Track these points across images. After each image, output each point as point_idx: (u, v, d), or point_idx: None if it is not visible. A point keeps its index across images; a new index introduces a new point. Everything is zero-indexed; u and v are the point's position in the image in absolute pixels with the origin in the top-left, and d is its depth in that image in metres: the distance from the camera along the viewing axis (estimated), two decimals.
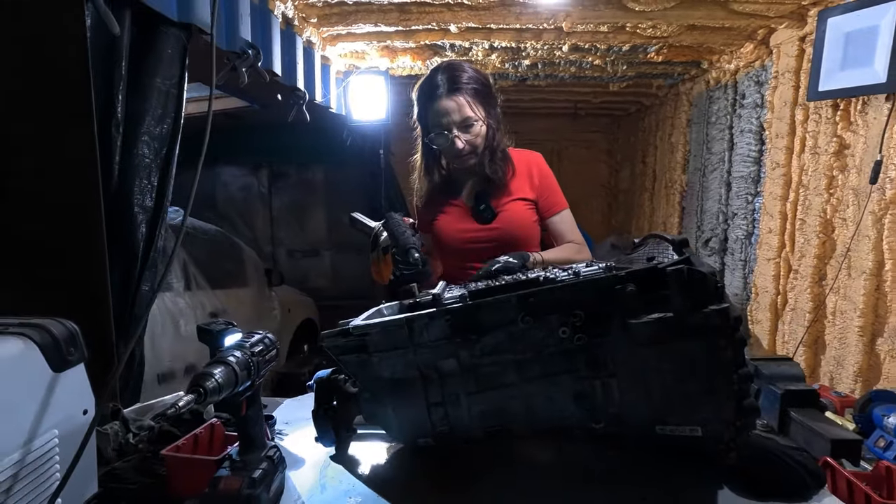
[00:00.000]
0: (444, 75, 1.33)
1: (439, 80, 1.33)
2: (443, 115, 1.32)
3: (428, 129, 1.38)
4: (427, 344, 0.82)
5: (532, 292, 0.79)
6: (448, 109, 1.31)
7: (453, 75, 1.33)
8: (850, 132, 2.07)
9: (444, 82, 1.32)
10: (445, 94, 1.31)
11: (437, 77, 1.34)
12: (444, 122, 1.33)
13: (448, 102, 1.31)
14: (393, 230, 1.25)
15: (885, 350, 1.91)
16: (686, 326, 0.73)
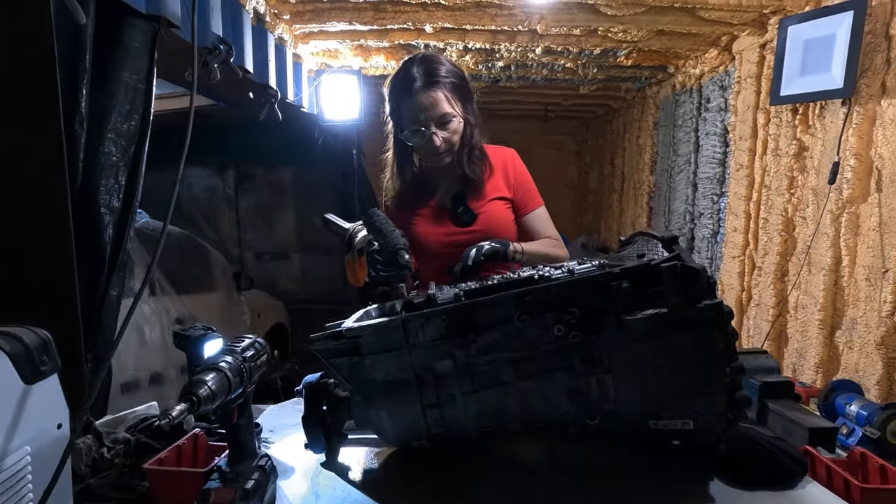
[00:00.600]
0: (421, 68, 1.25)
1: (415, 72, 1.25)
2: (419, 110, 1.24)
3: (401, 125, 1.31)
4: (422, 345, 0.81)
5: (529, 290, 0.79)
6: (425, 104, 1.24)
7: (430, 68, 1.25)
8: (808, 135, 2.17)
9: (420, 75, 1.24)
10: (422, 89, 1.23)
11: (412, 70, 1.26)
12: (420, 118, 1.25)
13: (425, 97, 1.24)
14: (380, 228, 1.17)
15: (842, 342, 2.01)
16: (680, 321, 0.74)
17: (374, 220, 1.20)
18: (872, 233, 1.85)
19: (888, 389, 1.79)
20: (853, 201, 1.93)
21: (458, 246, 1.30)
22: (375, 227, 1.18)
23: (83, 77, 1.25)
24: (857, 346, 1.92)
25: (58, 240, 0.99)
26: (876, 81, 1.83)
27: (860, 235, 1.93)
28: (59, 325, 0.99)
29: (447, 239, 1.35)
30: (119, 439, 0.86)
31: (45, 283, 0.99)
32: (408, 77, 1.25)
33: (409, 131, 1.28)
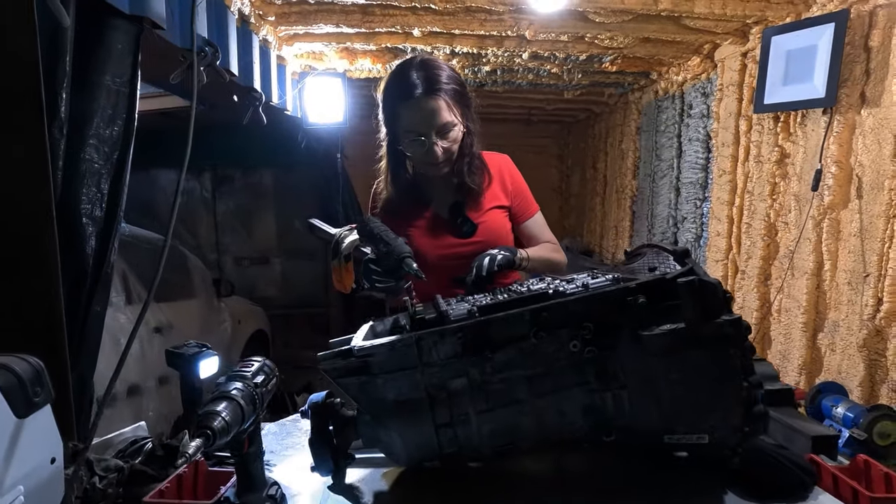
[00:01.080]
0: (421, 73, 1.18)
1: (415, 78, 1.17)
2: (420, 119, 1.18)
3: (397, 132, 1.24)
4: (436, 363, 0.78)
5: (545, 306, 0.77)
6: (426, 112, 1.17)
7: (431, 74, 1.18)
8: (790, 142, 2.23)
9: (421, 81, 1.17)
10: (423, 96, 1.16)
11: (411, 74, 1.18)
12: (420, 127, 1.19)
13: (426, 105, 1.17)
14: (380, 236, 1.12)
15: (825, 344, 2.07)
16: (698, 337, 0.74)
17: (373, 228, 1.14)
18: (853, 238, 1.91)
19: (870, 390, 1.85)
20: (834, 207, 1.99)
21: (458, 258, 1.25)
22: (374, 235, 1.13)
23: (63, 80, 1.18)
24: (840, 348, 1.98)
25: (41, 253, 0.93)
26: (855, 91, 1.89)
27: (841, 240, 1.99)
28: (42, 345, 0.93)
29: (447, 251, 1.29)
30: (111, 467, 0.81)
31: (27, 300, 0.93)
32: (406, 82, 1.18)
33: (408, 141, 1.22)
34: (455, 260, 1.28)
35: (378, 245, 1.11)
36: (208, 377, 1.03)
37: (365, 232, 1.17)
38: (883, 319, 1.78)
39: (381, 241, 1.10)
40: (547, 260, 1.29)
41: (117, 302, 2.67)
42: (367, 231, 1.17)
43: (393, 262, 1.07)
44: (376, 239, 1.12)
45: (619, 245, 4.06)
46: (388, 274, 1.13)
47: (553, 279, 0.95)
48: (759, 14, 2.16)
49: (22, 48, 0.91)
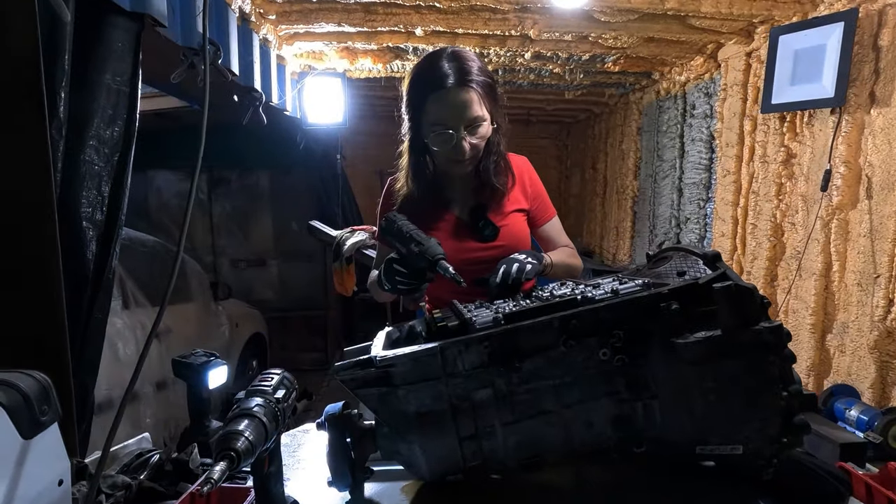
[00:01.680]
0: (453, 64, 1.10)
1: (447, 68, 1.10)
2: (449, 111, 1.10)
3: (421, 125, 1.16)
4: (461, 373, 0.75)
5: (575, 314, 0.74)
6: (457, 105, 1.10)
7: (463, 65, 1.11)
8: (796, 143, 2.21)
9: (453, 72, 1.09)
10: (455, 87, 1.09)
11: (443, 65, 1.11)
12: (449, 120, 1.11)
13: (457, 96, 1.09)
14: (411, 235, 1.01)
15: (834, 345, 2.05)
16: (735, 344, 0.71)
17: (402, 226, 1.05)
18: (863, 239, 1.89)
19: (882, 392, 1.83)
20: (843, 208, 1.97)
21: (478, 263, 1.21)
22: (404, 234, 1.03)
23: (62, 79, 1.14)
24: (850, 349, 1.96)
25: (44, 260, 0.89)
26: (864, 91, 1.88)
27: (850, 241, 1.97)
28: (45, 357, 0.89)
29: (467, 255, 1.22)
30: (118, 484, 0.77)
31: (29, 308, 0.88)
32: (437, 72, 1.10)
33: (435, 134, 1.13)
34: (474, 265, 1.22)
35: (408, 244, 1.01)
36: (217, 387, 0.99)
37: (392, 230, 1.05)
38: (894, 321, 1.76)
39: (413, 241, 1.00)
40: (567, 265, 1.26)
41: (114, 306, 2.61)
42: (394, 229, 1.05)
43: (425, 263, 0.98)
44: (405, 238, 1.02)
45: (619, 246, 4.04)
46: (415, 276, 1.03)
47: (577, 284, 0.92)
48: (766, 13, 2.15)
49: (23, 46, 0.87)
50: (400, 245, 1.02)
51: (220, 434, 0.51)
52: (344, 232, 2.80)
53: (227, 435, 0.51)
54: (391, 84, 3.43)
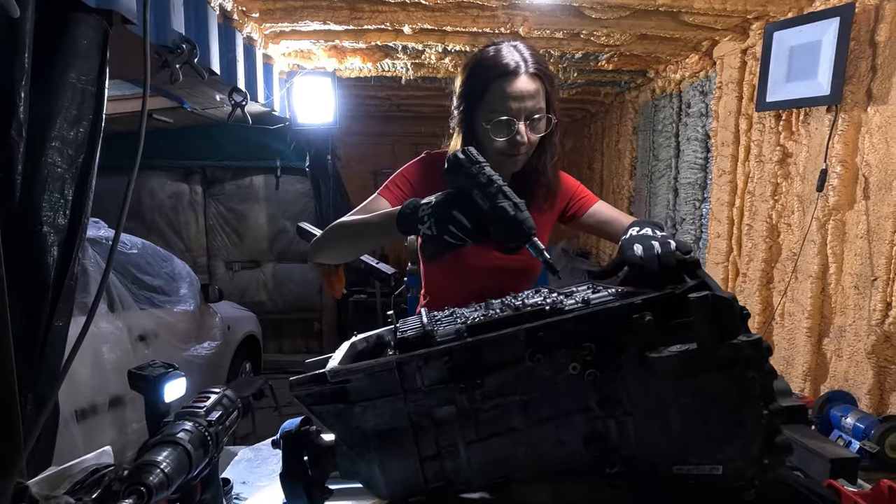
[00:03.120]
0: (516, 53, 1.06)
1: (518, 55, 1.06)
2: (516, 98, 1.04)
3: (476, 111, 1.09)
4: (420, 389, 0.70)
5: (542, 326, 0.69)
6: (525, 93, 1.04)
7: (535, 55, 1.07)
8: (792, 141, 2.16)
9: (519, 60, 1.05)
10: (525, 74, 1.04)
11: (513, 51, 1.07)
12: (514, 108, 1.04)
13: (528, 84, 1.04)
14: (502, 189, 0.83)
15: (831, 350, 2.00)
16: (712, 359, 0.66)
17: (490, 174, 0.84)
18: (860, 240, 1.84)
19: (880, 399, 1.78)
20: (839, 208, 1.92)
21: (499, 270, 1.15)
22: (492, 184, 0.82)
23: (21, 79, 1.09)
24: (847, 354, 1.91)
25: None
26: (861, 88, 1.83)
27: (847, 243, 1.92)
28: None
29: (487, 263, 1.16)
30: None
31: None
32: (508, 57, 1.06)
33: (495, 122, 1.06)
34: (493, 272, 1.17)
35: (494, 198, 0.81)
36: (175, 400, 0.94)
37: (472, 172, 0.84)
38: (892, 325, 1.71)
39: (505, 197, 0.82)
40: None
41: (99, 309, 2.57)
42: (476, 172, 0.83)
43: (513, 231, 0.81)
44: (493, 189, 0.82)
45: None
46: (476, 235, 0.85)
47: (552, 292, 0.87)
48: (761, 9, 2.10)
49: None
50: (480, 194, 0.82)
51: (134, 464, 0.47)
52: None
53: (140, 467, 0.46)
54: (382, 83, 3.39)
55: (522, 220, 0.83)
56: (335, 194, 4.61)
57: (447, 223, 0.84)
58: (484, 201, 0.83)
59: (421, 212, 0.89)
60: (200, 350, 3.30)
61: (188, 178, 5.12)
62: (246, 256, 5.31)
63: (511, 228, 0.82)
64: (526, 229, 0.83)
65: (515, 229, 0.82)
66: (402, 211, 0.92)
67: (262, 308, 5.10)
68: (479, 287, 1.14)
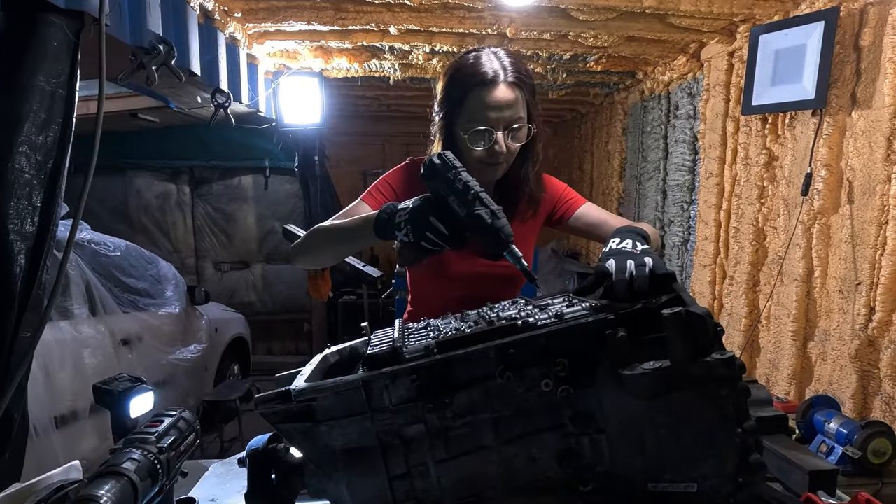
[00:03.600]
0: (495, 61, 1.04)
1: (496, 63, 1.04)
2: (494, 107, 1.03)
3: (456, 120, 1.08)
4: (388, 408, 0.68)
5: (513, 342, 0.68)
6: (504, 102, 1.03)
7: (515, 63, 1.05)
8: (778, 145, 2.16)
9: (503, 67, 1.03)
10: (503, 83, 1.02)
11: (492, 59, 1.05)
12: (492, 118, 1.03)
13: (506, 94, 1.02)
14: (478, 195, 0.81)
15: (816, 353, 2.00)
16: (686, 377, 0.65)
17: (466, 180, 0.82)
18: (844, 244, 1.84)
19: (863, 403, 1.78)
20: (824, 212, 1.92)
21: (484, 277, 1.14)
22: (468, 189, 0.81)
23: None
24: (831, 358, 1.91)
25: None
26: (845, 93, 1.83)
27: (832, 247, 1.92)
28: None
29: (473, 269, 1.15)
30: None
31: None
32: (487, 66, 1.04)
33: (475, 129, 1.05)
34: (478, 279, 1.15)
35: (471, 205, 0.80)
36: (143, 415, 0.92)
37: (447, 177, 0.82)
38: (875, 329, 1.71)
39: (481, 203, 0.80)
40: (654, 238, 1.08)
41: (79, 314, 2.53)
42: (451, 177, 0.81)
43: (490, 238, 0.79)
44: (470, 196, 0.80)
45: None
46: (453, 240, 0.84)
47: (526, 304, 0.85)
48: (747, 12, 2.09)
49: None
50: (457, 200, 0.80)
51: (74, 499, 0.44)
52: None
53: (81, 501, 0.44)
54: (371, 83, 3.36)
55: (500, 228, 0.81)
56: (324, 195, 4.57)
57: (424, 229, 0.83)
58: (461, 208, 0.82)
59: (398, 217, 0.87)
60: (186, 353, 3.26)
61: (176, 178, 5.06)
62: (235, 257, 5.26)
63: (488, 236, 0.82)
64: (503, 237, 0.82)
65: (492, 237, 0.82)
66: (380, 216, 0.91)
67: (251, 309, 5.06)
68: (464, 294, 1.11)
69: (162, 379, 3.00)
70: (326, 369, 0.87)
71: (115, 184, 4.86)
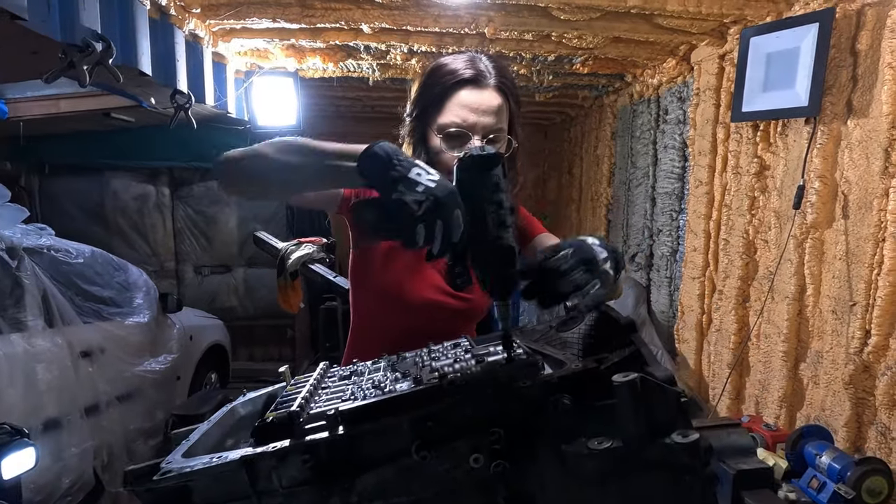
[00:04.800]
0: (483, 63, 0.97)
1: (483, 66, 0.97)
2: (475, 110, 0.94)
3: (430, 121, 0.98)
4: (278, 491, 0.56)
5: (430, 413, 0.55)
6: (486, 107, 0.94)
7: (501, 67, 0.98)
8: (770, 153, 2.05)
9: (485, 71, 0.96)
10: (489, 86, 0.95)
11: (477, 60, 0.98)
12: (471, 120, 0.94)
13: (490, 98, 0.95)
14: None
15: (808, 376, 1.89)
16: (641, 460, 0.53)
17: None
18: (839, 262, 1.73)
19: (857, 433, 1.67)
20: (818, 227, 1.80)
21: (439, 308, 1.04)
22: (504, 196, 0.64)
23: None
24: (824, 382, 1.80)
25: None
26: (841, 100, 1.71)
27: (825, 263, 1.81)
28: None
29: (429, 298, 1.04)
30: None
31: None
32: (472, 65, 0.97)
33: (446, 133, 0.95)
34: (434, 310, 1.04)
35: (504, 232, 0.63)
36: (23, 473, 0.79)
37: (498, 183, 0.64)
38: (871, 354, 1.60)
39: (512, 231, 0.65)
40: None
41: (34, 326, 2.39)
42: (505, 186, 0.65)
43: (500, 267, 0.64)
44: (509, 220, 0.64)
45: None
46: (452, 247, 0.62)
47: (467, 350, 0.73)
48: (738, 13, 1.97)
49: None
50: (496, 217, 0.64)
51: None
52: (290, 244, 2.61)
53: None
54: (350, 84, 3.23)
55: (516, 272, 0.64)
56: None
57: (440, 215, 0.60)
58: (496, 227, 0.63)
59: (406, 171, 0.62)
60: (154, 364, 3.12)
61: (154, 179, 4.92)
62: (215, 261, 5.11)
63: (502, 274, 0.64)
64: (514, 284, 0.65)
65: (508, 279, 0.64)
66: (375, 152, 0.65)
67: (232, 314, 4.92)
68: (413, 325, 0.99)
69: (127, 392, 2.86)
70: (233, 424, 0.74)
71: (91, 185, 4.71)
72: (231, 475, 0.55)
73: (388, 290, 1.05)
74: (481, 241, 0.63)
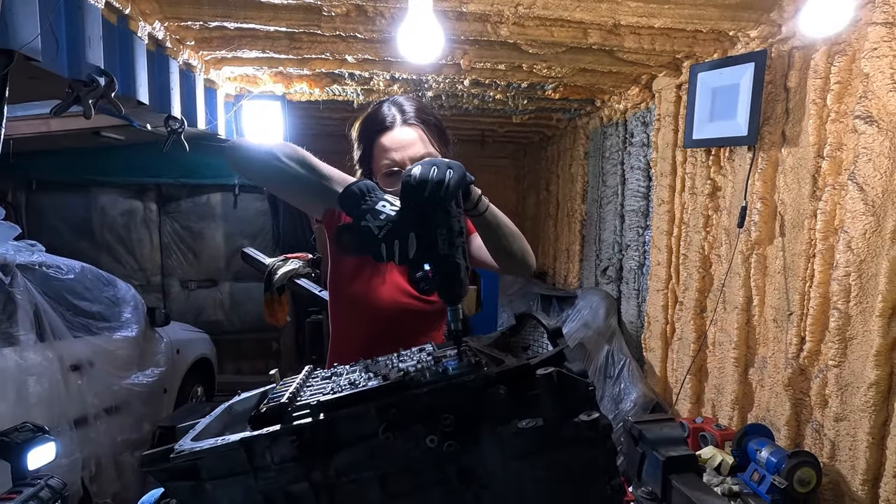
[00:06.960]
0: (395, 107, 1.15)
1: (387, 111, 1.14)
2: (395, 148, 1.10)
3: (372, 169, 1.15)
4: (271, 467, 0.69)
5: (394, 402, 0.69)
6: (403, 142, 1.11)
7: (405, 107, 1.15)
8: (721, 176, 2.24)
9: (395, 113, 1.14)
10: (399, 125, 1.12)
11: (384, 109, 1.15)
12: (396, 158, 1.10)
13: (403, 134, 1.11)
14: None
15: (755, 380, 2.06)
16: (558, 437, 0.67)
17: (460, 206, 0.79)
18: (778, 275, 1.91)
19: (796, 430, 1.83)
20: (760, 243, 1.99)
21: (405, 312, 1.16)
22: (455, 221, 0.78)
23: None
24: (768, 385, 1.97)
25: None
26: (777, 130, 1.91)
27: (768, 276, 1.99)
28: None
29: (396, 304, 1.17)
30: None
31: None
32: (380, 116, 1.14)
33: (385, 173, 1.11)
34: (401, 312, 1.17)
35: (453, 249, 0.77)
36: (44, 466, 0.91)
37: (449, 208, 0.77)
38: (806, 359, 1.77)
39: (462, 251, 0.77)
40: (510, 225, 1.06)
41: (26, 340, 2.46)
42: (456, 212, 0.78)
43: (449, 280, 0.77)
44: (458, 239, 0.77)
45: (569, 269, 4.05)
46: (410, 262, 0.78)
47: (429, 356, 0.87)
48: (688, 49, 2.18)
49: None
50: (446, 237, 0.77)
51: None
52: (276, 260, 2.72)
53: None
54: (335, 106, 3.39)
55: (464, 286, 0.79)
56: (293, 213, 4.56)
57: (396, 237, 0.76)
58: (445, 246, 0.77)
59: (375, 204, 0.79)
60: (142, 377, 3.18)
61: (142, 195, 4.99)
62: (202, 275, 5.18)
63: (451, 285, 0.79)
64: (459, 293, 0.80)
65: (455, 289, 0.79)
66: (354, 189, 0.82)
67: (219, 328, 4.98)
68: (385, 330, 1.14)
69: (114, 405, 2.93)
70: (231, 418, 0.87)
71: (79, 201, 4.77)
72: (233, 454, 0.68)
73: (357, 297, 1.19)
74: (433, 256, 0.78)
